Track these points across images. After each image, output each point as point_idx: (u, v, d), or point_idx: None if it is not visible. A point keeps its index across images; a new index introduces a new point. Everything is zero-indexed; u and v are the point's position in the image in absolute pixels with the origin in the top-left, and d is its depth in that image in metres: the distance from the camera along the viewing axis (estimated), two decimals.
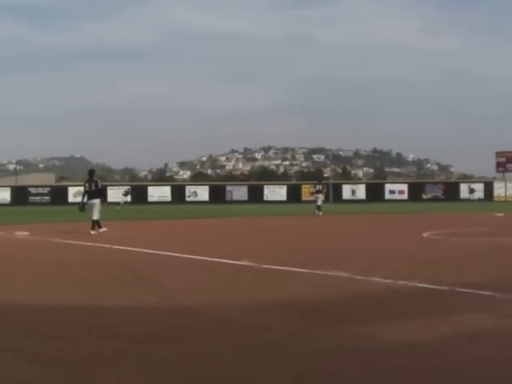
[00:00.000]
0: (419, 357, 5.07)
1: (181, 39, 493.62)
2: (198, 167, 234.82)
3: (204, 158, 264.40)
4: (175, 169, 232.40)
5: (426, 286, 8.53)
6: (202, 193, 63.84)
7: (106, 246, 15.26)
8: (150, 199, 62.46)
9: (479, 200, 54.99)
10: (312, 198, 36.53)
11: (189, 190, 65.21)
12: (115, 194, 56.51)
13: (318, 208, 33.09)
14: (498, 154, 68.02)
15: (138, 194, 61.83)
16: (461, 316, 6.61)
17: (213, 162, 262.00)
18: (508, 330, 5.97)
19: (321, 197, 34.50)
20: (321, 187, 35.19)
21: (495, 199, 59.95)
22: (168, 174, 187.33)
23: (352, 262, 11.28)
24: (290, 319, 6.59)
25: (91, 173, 20.66)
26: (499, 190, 61.76)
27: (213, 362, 4.97)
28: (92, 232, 18.96)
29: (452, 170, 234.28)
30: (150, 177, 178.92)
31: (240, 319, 6.62)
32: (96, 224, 19.55)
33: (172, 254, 13.16)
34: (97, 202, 19.80)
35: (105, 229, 19.49)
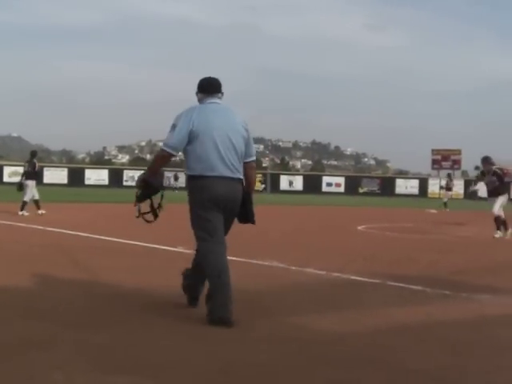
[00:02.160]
0: (349, 349, 5.12)
1: (127, 23, 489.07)
2: (136, 152, 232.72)
3: (143, 143, 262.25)
4: (114, 152, 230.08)
5: (359, 278, 8.63)
6: None
7: (39, 227, 15.02)
8: (86, 182, 61.61)
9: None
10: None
11: (127, 174, 64.55)
12: (52, 176, 55.81)
13: (445, 204, 33.60)
14: (434, 152, 69.15)
15: (75, 176, 61.09)
16: (392, 309, 6.71)
17: (152, 147, 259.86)
18: (437, 324, 6.08)
19: None
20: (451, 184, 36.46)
21: (429, 196, 60.97)
22: (106, 158, 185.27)
23: (287, 253, 11.35)
24: None
25: (33, 154, 20.78)
26: (433, 186, 62.84)
27: (145, 348, 4.93)
28: (20, 213, 18.69)
29: (389, 165, 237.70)
30: (87, 159, 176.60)
31: (172, 306, 6.58)
32: (36, 205, 19.44)
33: (107, 238, 13.03)
34: (30, 183, 19.57)
35: (43, 211, 19.26)
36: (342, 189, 63.53)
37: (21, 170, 20.48)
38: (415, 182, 66.15)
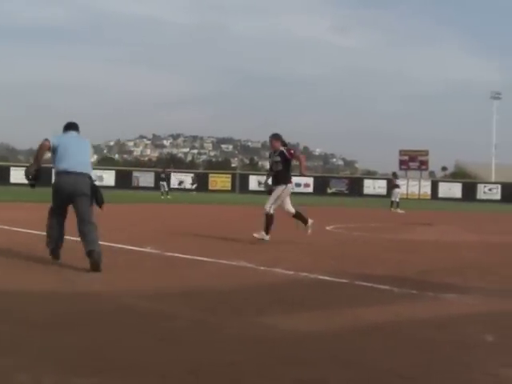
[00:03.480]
0: (317, 348, 5.13)
1: (93, 21, 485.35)
2: (105, 151, 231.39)
3: (111, 143, 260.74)
4: None
5: (327, 278, 8.66)
6: (109, 178, 62.85)
7: (5, 227, 14.85)
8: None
9: None
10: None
11: (94, 174, 64.12)
12: (18, 176, 55.18)
13: (397, 204, 33.38)
14: (402, 152, 69.61)
15: (43, 176, 60.40)
16: (360, 309, 6.74)
17: (120, 146, 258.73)
18: (404, 323, 6.13)
19: None
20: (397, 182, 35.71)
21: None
22: None
23: (255, 253, 11.35)
24: (191, 308, 6.57)
25: None
26: (401, 187, 63.33)
27: (113, 349, 4.90)
28: None
29: (357, 165, 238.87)
30: None
31: (141, 307, 6.55)
32: None
33: (74, 238, 12.92)
34: None
35: None
36: (310, 189, 63.67)
37: None
38: (383, 183, 66.43)
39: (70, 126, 9.69)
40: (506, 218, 27.66)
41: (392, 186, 35.08)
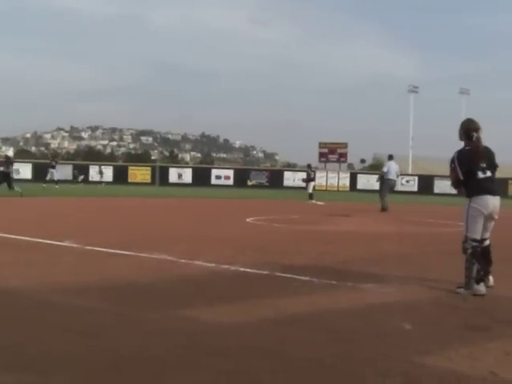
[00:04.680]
0: (238, 339, 5.17)
1: (14, 11, 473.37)
2: (21, 144, 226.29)
3: (28, 135, 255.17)
4: None
5: (248, 270, 8.71)
6: (25, 170, 61.42)
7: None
8: None
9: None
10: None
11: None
12: None
13: (311, 196, 32.95)
14: (321, 145, 70.35)
15: None
16: (280, 300, 6.80)
17: (37, 139, 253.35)
18: (323, 314, 6.22)
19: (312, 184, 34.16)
20: (312, 174, 35.07)
21: (317, 188, 62.03)
22: None
23: (176, 246, 11.32)
24: (111, 302, 6.51)
25: None
26: (320, 179, 63.88)
27: (33, 346, 4.83)
28: None
29: (277, 157, 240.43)
30: None
31: (61, 302, 6.47)
32: None
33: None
34: None
35: None
36: (231, 181, 63.73)
37: None
38: (303, 175, 66.99)
39: None
40: (422, 209, 28.33)
41: (308, 179, 35.20)
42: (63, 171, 56.86)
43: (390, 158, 27.23)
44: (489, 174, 7.73)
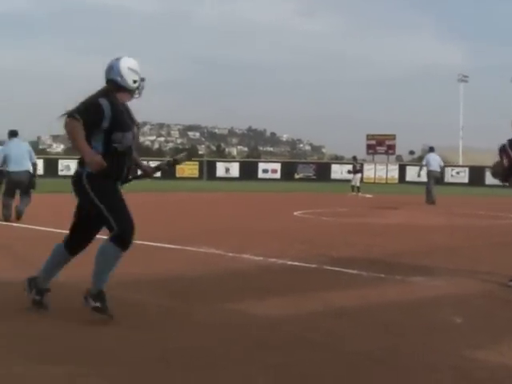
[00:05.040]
0: (287, 333, 5.16)
1: (60, 10, 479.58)
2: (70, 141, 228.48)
3: None
4: (48, 142, 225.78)
5: (296, 263, 8.69)
6: (75, 167, 62.06)
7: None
8: None
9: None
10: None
11: (61, 163, 63.33)
12: None
13: (358, 188, 33.08)
14: (369, 137, 69.77)
15: None
16: (329, 293, 6.77)
17: None
18: (373, 307, 6.18)
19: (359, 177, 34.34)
20: (358, 166, 35.25)
21: (365, 181, 61.60)
22: (41, 147, 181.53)
23: (224, 240, 11.34)
24: (160, 295, 6.56)
25: None
26: (369, 172, 63.42)
27: (83, 338, 4.88)
28: None
29: (324, 150, 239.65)
30: None
31: (110, 295, 6.51)
32: None
33: (43, 228, 12.82)
34: None
35: None
36: (278, 175, 63.60)
37: None
38: (350, 168, 66.60)
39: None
40: (472, 201, 27.95)
41: (354, 170, 35.07)
42: None
43: (431, 149, 27.29)
44: None
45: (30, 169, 14.75)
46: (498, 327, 5.59)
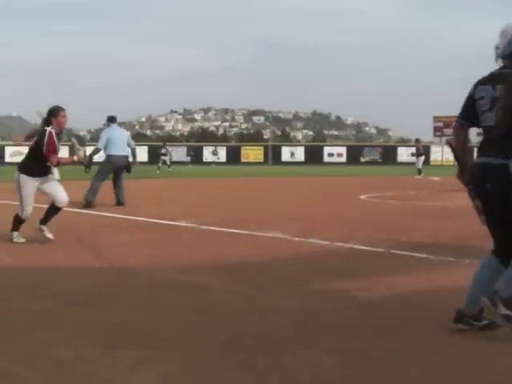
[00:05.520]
0: (354, 317, 5.15)
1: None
2: (136, 127, 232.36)
3: (143, 119, 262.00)
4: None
5: (363, 247, 8.65)
6: (142, 153, 62.94)
7: (39, 205, 15.00)
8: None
9: None
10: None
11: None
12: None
13: (419, 171, 33.06)
14: (436, 119, 68.66)
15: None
16: (396, 278, 6.72)
17: (152, 122, 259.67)
18: (441, 291, 6.10)
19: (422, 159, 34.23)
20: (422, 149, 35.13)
21: (432, 163, 60.76)
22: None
23: (290, 224, 11.35)
24: (227, 280, 6.61)
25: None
26: (436, 154, 62.62)
27: (150, 323, 4.96)
28: None
29: (390, 133, 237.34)
30: (88, 137, 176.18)
31: (177, 280, 6.61)
32: None
33: (109, 214, 13.05)
34: None
35: None
36: (343, 159, 63.40)
37: (22, 149, 20.18)
38: (414, 150, 65.65)
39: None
40: None
41: (418, 153, 34.69)
42: (177, 153, 58.08)
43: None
44: None
45: (129, 154, 15.42)
46: None
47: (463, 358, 4.19)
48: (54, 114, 8.88)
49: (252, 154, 63.67)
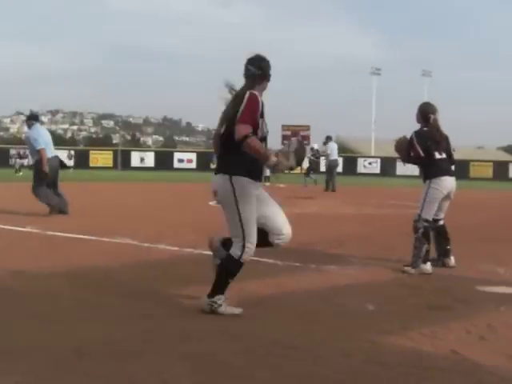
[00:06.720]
0: (204, 322, 5.19)
1: None
2: None
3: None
4: None
5: (211, 253, 8.69)
6: None
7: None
8: None
9: None
10: None
11: None
12: None
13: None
14: (284, 128, 70.25)
15: None
16: (245, 282, 6.79)
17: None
18: (288, 295, 6.27)
19: None
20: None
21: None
22: None
23: (138, 230, 11.26)
24: (75, 287, 6.48)
25: None
26: None
27: None
28: None
29: None
30: None
31: (24, 288, 6.41)
32: None
33: None
34: None
35: None
36: (193, 165, 63.47)
37: None
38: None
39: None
40: (383, 192, 28.53)
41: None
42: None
43: (329, 139, 29.89)
44: (444, 155, 7.93)
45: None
46: (409, 313, 5.75)
47: None
48: None
49: (101, 158, 62.55)
